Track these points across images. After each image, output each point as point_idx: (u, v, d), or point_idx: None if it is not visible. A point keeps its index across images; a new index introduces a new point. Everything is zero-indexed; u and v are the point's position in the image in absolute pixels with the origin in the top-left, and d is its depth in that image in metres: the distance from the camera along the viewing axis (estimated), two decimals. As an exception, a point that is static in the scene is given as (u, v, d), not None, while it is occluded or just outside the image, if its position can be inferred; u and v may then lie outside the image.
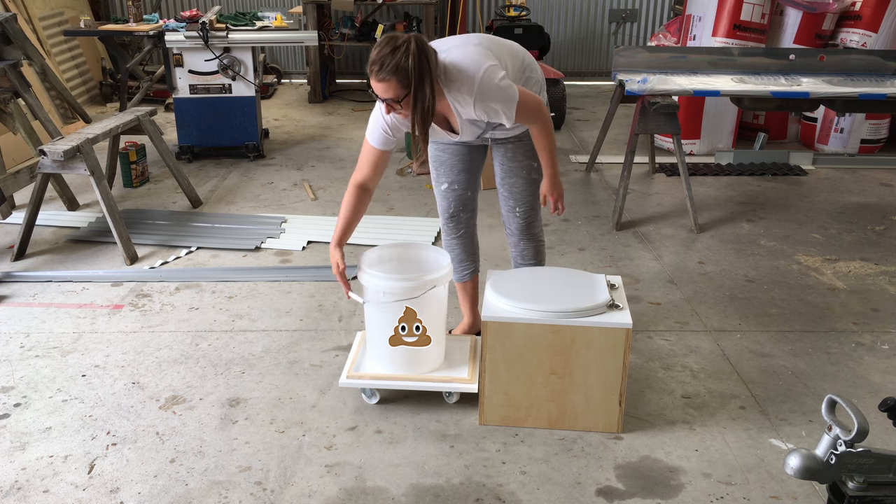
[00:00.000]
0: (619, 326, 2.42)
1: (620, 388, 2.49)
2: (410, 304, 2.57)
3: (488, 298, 2.53)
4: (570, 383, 2.50)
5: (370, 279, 2.59)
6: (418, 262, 2.78)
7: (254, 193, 4.91)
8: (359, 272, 2.63)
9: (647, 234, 4.27)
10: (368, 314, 2.68)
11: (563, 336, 2.44)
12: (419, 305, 2.58)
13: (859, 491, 1.67)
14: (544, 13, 8.39)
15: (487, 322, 2.46)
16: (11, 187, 4.11)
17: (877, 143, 5.81)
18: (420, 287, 2.55)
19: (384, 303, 2.58)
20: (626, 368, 2.47)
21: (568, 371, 2.48)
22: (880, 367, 2.97)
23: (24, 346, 3.08)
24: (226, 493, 2.27)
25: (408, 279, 2.57)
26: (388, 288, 2.57)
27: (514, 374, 2.51)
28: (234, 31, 5.38)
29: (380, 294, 2.58)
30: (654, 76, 4.47)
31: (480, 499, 2.25)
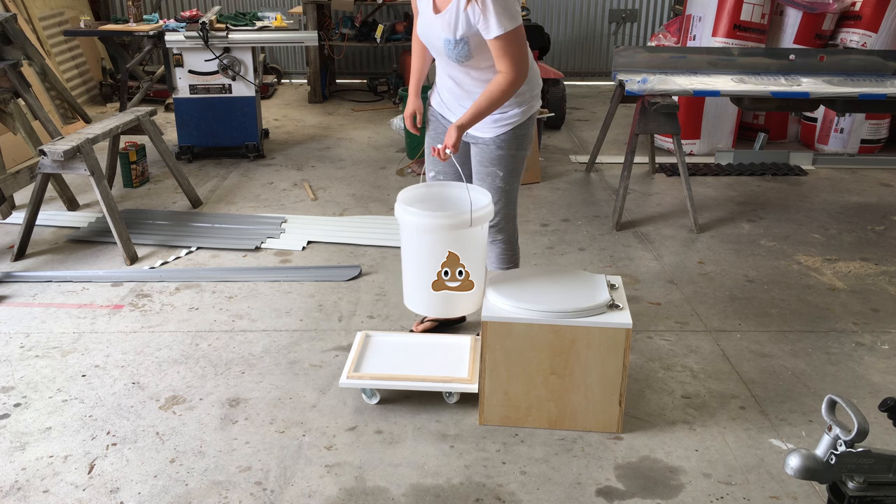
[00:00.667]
0: (619, 326, 2.42)
1: (620, 388, 2.49)
2: (454, 248, 2.51)
3: (488, 298, 2.53)
4: (570, 383, 2.50)
5: (408, 216, 2.52)
6: (458, 201, 2.69)
7: (254, 193, 4.91)
8: (396, 208, 2.57)
9: (647, 234, 4.27)
10: (408, 258, 2.63)
11: (563, 336, 2.44)
12: (461, 247, 2.52)
13: (859, 491, 1.67)
14: (544, 13, 8.39)
15: (487, 322, 2.46)
16: (11, 187, 4.11)
17: (877, 144, 5.81)
18: (460, 225, 2.47)
19: (426, 239, 2.53)
20: (626, 368, 2.47)
21: (568, 371, 2.48)
22: (880, 367, 2.97)
23: (24, 346, 3.08)
24: (226, 493, 2.27)
25: (449, 216, 2.50)
26: (428, 226, 2.50)
27: (514, 374, 2.51)
28: (234, 31, 5.38)
29: (420, 232, 2.53)
30: (654, 76, 4.47)
31: (480, 499, 2.25)
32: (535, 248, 4.06)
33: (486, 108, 2.57)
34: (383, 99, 7.71)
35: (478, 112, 2.57)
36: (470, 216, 2.47)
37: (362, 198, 4.83)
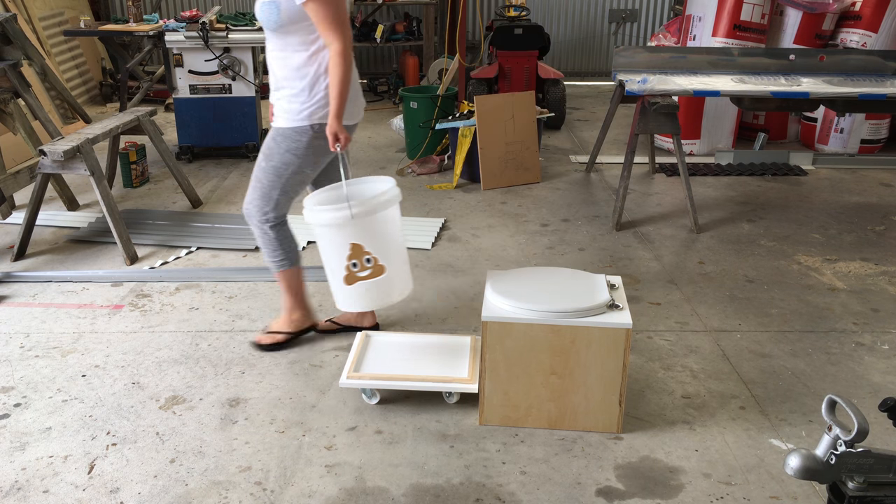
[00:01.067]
0: (619, 326, 2.42)
1: (620, 388, 2.49)
2: (355, 240, 2.55)
3: (488, 298, 2.53)
4: (570, 383, 2.50)
5: (310, 215, 2.58)
6: (362, 195, 2.73)
7: (254, 193, 4.91)
8: (304, 213, 2.62)
9: (647, 235, 4.27)
10: (323, 259, 2.68)
11: (563, 336, 2.44)
12: (362, 237, 2.55)
13: (859, 491, 1.67)
14: (544, 13, 8.40)
15: (487, 322, 2.46)
16: (11, 187, 4.11)
17: (877, 144, 5.81)
18: (343, 218, 2.52)
19: (326, 237, 2.59)
20: (626, 368, 2.47)
21: (568, 371, 2.48)
22: (880, 367, 2.97)
23: (24, 346, 3.08)
24: (226, 493, 2.27)
25: (339, 208, 2.54)
26: (327, 220, 2.55)
27: (514, 375, 2.51)
28: (234, 31, 5.38)
29: (325, 229, 2.58)
30: (654, 76, 4.47)
31: (480, 499, 2.25)
32: (535, 248, 4.06)
33: (336, 87, 2.58)
34: (383, 99, 7.71)
35: (336, 94, 2.59)
36: (349, 208, 2.51)
37: (362, 198, 4.82)
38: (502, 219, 4.48)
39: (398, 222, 2.70)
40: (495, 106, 4.96)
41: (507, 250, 4.04)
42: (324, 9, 2.50)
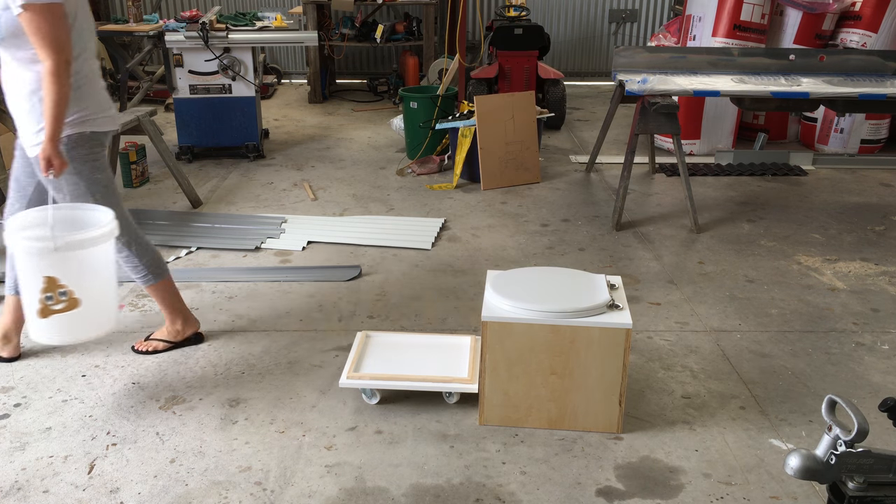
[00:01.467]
0: (619, 327, 2.42)
1: (620, 388, 2.49)
2: (50, 272, 2.42)
3: (488, 299, 2.53)
4: (570, 383, 2.50)
5: (9, 237, 2.43)
6: (78, 223, 2.58)
7: (254, 194, 4.91)
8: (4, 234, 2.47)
9: (647, 235, 4.27)
10: (20, 281, 2.54)
11: (563, 336, 2.44)
12: (62, 271, 2.43)
13: (859, 491, 1.67)
14: (544, 13, 8.40)
15: (487, 322, 2.46)
16: (11, 187, 4.10)
17: (877, 144, 5.81)
18: (63, 247, 2.39)
19: (22, 265, 2.46)
20: (626, 368, 2.47)
21: (568, 371, 2.48)
22: (880, 367, 2.97)
23: (23, 346, 3.08)
24: (226, 494, 2.27)
25: (41, 238, 2.41)
26: (24, 248, 2.41)
27: (514, 375, 2.51)
28: (234, 31, 5.38)
29: (18, 259, 2.45)
30: (654, 76, 4.47)
31: (480, 499, 2.25)
32: (535, 249, 4.06)
33: (50, 108, 2.40)
34: (383, 99, 7.71)
35: (49, 116, 2.41)
36: (53, 240, 2.39)
37: (362, 198, 4.83)
38: (502, 219, 4.49)
39: (109, 258, 2.57)
40: (495, 106, 4.96)
41: (507, 250, 4.04)
42: (40, 22, 2.32)
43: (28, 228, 2.53)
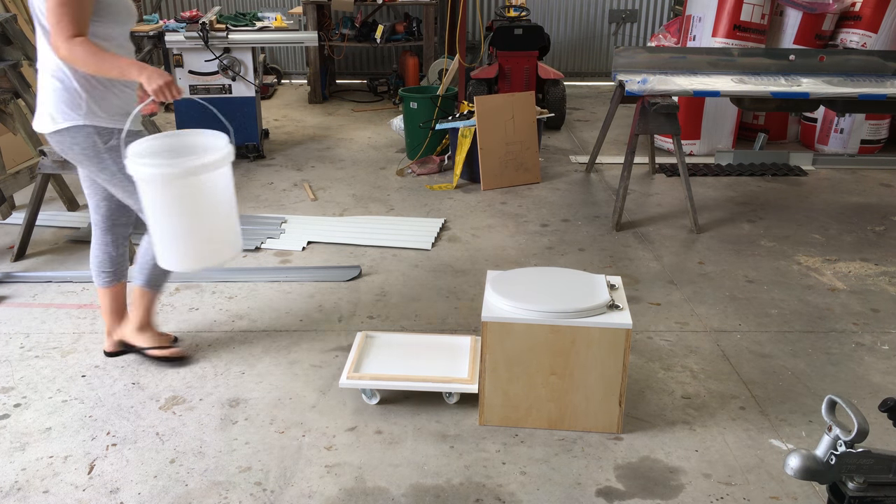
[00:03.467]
0: (619, 327, 2.42)
1: (620, 388, 2.49)
2: (177, 197, 2.41)
3: (488, 299, 2.53)
4: (570, 384, 2.50)
5: (140, 169, 2.38)
6: (193, 148, 2.58)
7: (254, 194, 4.91)
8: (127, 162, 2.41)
9: (647, 235, 4.27)
10: (148, 215, 2.48)
11: (563, 336, 2.44)
12: (188, 195, 2.43)
13: (859, 491, 1.66)
14: (544, 13, 8.40)
15: (487, 323, 2.46)
16: (11, 188, 4.11)
17: (877, 144, 5.81)
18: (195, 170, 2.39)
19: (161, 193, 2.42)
20: (626, 369, 2.47)
21: (568, 371, 2.48)
22: (880, 367, 2.97)
23: (23, 346, 3.08)
24: (226, 494, 2.27)
25: (177, 163, 2.38)
26: (159, 176, 2.37)
27: (514, 375, 2.51)
28: (234, 31, 5.38)
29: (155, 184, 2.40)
30: (653, 76, 4.47)
31: (480, 499, 2.25)
32: (535, 249, 4.06)
33: (102, 72, 2.39)
34: (383, 99, 7.71)
35: (110, 75, 2.41)
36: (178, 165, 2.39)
37: (362, 198, 4.83)
38: (502, 219, 4.48)
39: (229, 181, 2.58)
40: (495, 106, 4.96)
41: (507, 250, 4.03)
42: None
43: (147, 156, 2.44)
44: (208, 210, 2.49)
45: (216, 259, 2.62)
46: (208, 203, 2.48)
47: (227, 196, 2.55)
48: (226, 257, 2.64)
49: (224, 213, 2.55)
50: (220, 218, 2.53)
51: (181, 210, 2.43)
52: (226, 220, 2.56)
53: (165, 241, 2.49)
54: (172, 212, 2.44)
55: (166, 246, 2.50)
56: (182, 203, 2.42)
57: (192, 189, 2.41)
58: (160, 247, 2.51)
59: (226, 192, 2.54)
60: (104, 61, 2.36)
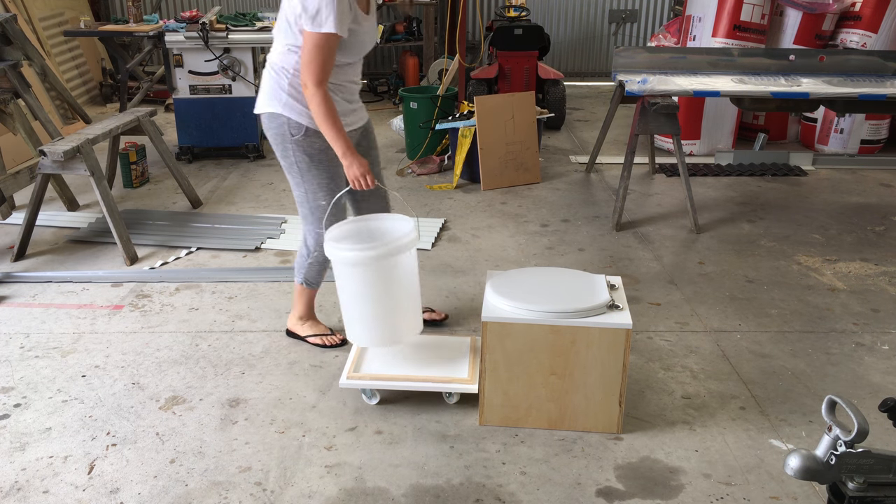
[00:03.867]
0: (619, 327, 2.42)
1: (620, 388, 2.49)
2: (368, 280, 2.57)
3: (488, 299, 2.53)
4: (570, 384, 2.50)
5: (336, 252, 2.57)
6: (383, 232, 2.76)
7: (254, 194, 4.91)
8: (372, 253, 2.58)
9: (647, 235, 4.27)
10: (342, 293, 2.67)
11: (563, 336, 2.44)
12: (379, 277, 2.58)
13: (859, 491, 1.66)
14: (544, 13, 8.40)
15: (487, 323, 2.46)
16: (11, 188, 4.11)
17: (877, 144, 5.81)
18: (386, 254, 2.54)
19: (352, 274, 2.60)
20: (626, 369, 2.47)
21: (568, 371, 2.48)
22: (880, 367, 2.97)
23: (23, 346, 3.08)
24: (226, 494, 2.27)
25: (372, 247, 2.54)
26: (355, 259, 2.54)
27: (513, 375, 2.51)
28: (234, 31, 5.38)
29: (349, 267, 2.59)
30: (654, 77, 4.47)
31: (480, 499, 2.25)
32: (535, 249, 4.06)
33: (326, 125, 2.64)
34: (383, 99, 7.71)
35: (329, 133, 2.64)
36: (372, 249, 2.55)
37: (362, 198, 4.83)
38: (502, 219, 4.49)
39: (415, 263, 2.70)
40: (495, 106, 4.96)
41: (507, 250, 4.04)
42: (311, 45, 2.54)
43: (343, 241, 2.65)
44: (397, 291, 2.63)
45: (398, 340, 2.73)
46: (397, 284, 2.62)
47: (413, 279, 2.68)
48: (405, 339, 2.76)
49: (410, 294, 2.68)
50: (407, 299, 2.67)
51: (373, 291, 2.59)
52: (411, 302, 2.70)
53: (355, 319, 2.67)
54: (365, 292, 2.60)
55: (355, 323, 2.67)
56: (375, 284, 2.58)
57: (384, 271, 2.58)
58: (349, 321, 2.70)
59: (412, 275, 2.68)
60: (328, 121, 2.59)
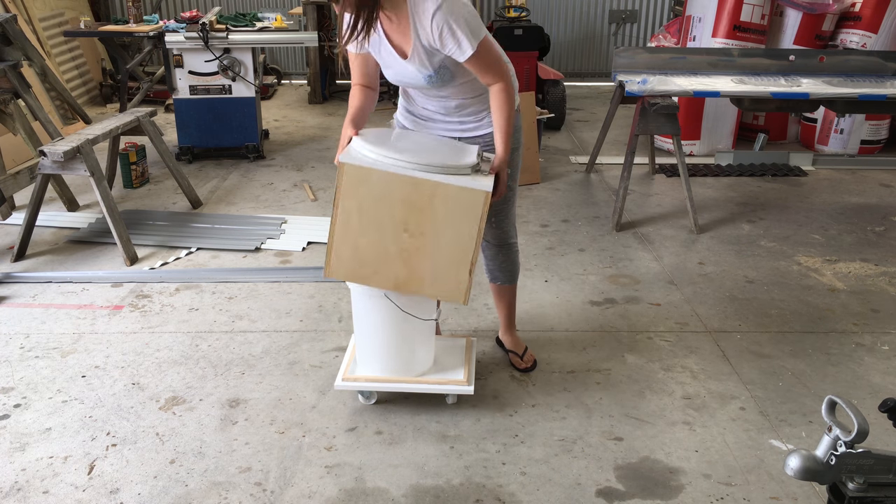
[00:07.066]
0: (478, 189, 2.31)
1: (472, 256, 2.37)
2: None
3: (352, 145, 2.42)
4: (421, 243, 2.37)
5: None
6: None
7: (254, 194, 4.91)
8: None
9: (647, 235, 4.27)
10: (360, 322, 2.65)
11: (421, 191, 2.30)
12: None
13: (859, 492, 1.66)
14: (544, 14, 8.40)
15: (345, 164, 2.31)
16: (11, 188, 4.11)
17: (877, 144, 5.81)
18: None
19: None
20: (479, 235, 2.34)
21: (420, 230, 2.35)
22: (880, 367, 2.97)
23: (23, 346, 3.08)
24: (226, 494, 2.27)
25: None
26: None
27: (365, 226, 2.37)
28: (234, 31, 5.38)
29: None
30: (653, 77, 4.47)
31: (480, 500, 2.25)
32: (535, 249, 4.06)
33: (506, 125, 2.49)
34: (383, 99, 7.71)
35: (504, 134, 2.49)
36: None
37: (362, 198, 4.82)
38: (502, 219, 4.48)
39: None
40: (495, 106, 4.95)
41: (507, 251, 4.03)
42: (486, 56, 2.41)
43: None
44: (409, 325, 2.61)
45: (406, 373, 2.70)
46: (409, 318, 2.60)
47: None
48: (413, 374, 2.71)
49: (425, 329, 2.66)
50: (419, 333, 2.66)
51: (388, 322, 2.58)
52: (424, 336, 2.68)
53: (366, 348, 2.65)
54: (378, 324, 2.59)
55: (367, 352, 2.66)
56: (389, 316, 2.57)
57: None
58: (361, 351, 2.69)
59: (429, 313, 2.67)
60: None
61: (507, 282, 2.90)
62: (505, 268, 2.86)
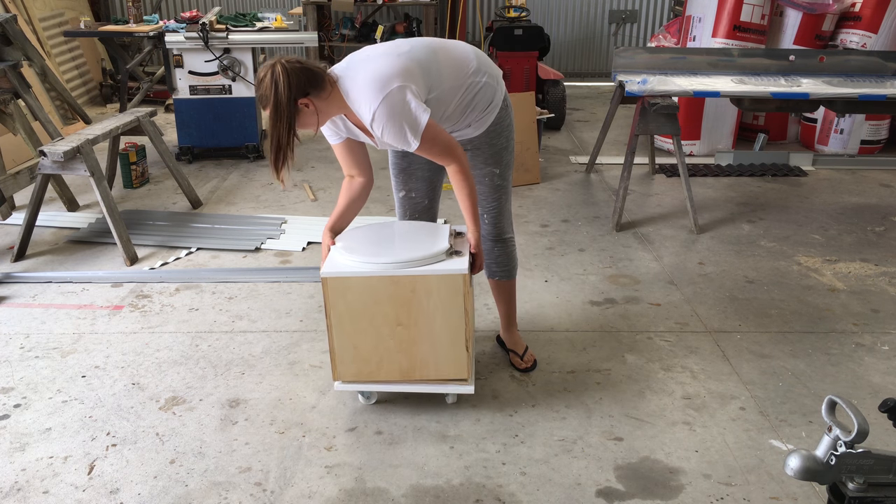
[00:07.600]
0: (455, 272, 2.40)
1: (466, 333, 2.47)
2: None
3: (331, 255, 2.53)
4: (416, 333, 2.48)
5: None
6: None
7: (254, 194, 4.91)
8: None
9: (647, 235, 4.27)
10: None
11: (402, 286, 2.42)
12: None
13: (859, 492, 1.66)
14: (544, 14, 8.40)
15: (326, 278, 2.43)
16: (11, 188, 4.11)
17: (877, 144, 5.81)
18: None
19: None
20: (468, 314, 2.45)
21: (413, 321, 2.46)
22: (880, 367, 2.97)
23: (23, 346, 3.08)
24: (226, 494, 2.27)
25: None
26: None
27: (360, 328, 2.48)
28: (234, 31, 5.38)
29: None
30: (653, 77, 4.47)
31: (480, 500, 2.25)
32: (535, 249, 4.06)
33: (470, 202, 2.49)
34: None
35: (470, 213, 2.50)
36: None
37: (362, 198, 4.82)
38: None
39: None
40: (495, 106, 4.95)
41: (507, 251, 4.03)
42: (433, 145, 2.40)
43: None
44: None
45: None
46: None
47: None
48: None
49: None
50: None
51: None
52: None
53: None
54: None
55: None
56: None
57: None
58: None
59: None
60: None
61: (505, 277, 2.90)
62: (502, 262, 2.87)
